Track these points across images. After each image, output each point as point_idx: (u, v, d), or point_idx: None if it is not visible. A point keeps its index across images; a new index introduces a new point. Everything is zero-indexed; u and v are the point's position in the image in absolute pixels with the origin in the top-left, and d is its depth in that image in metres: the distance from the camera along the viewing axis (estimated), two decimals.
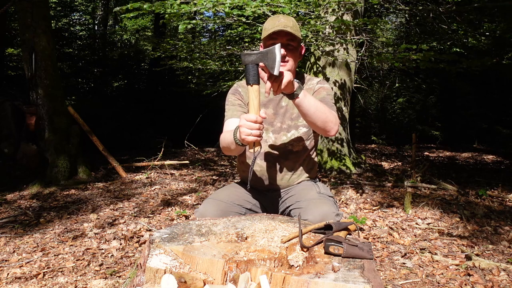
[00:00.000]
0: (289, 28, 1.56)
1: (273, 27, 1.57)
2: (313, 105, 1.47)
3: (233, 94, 1.76)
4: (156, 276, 1.08)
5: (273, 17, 1.63)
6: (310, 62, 5.58)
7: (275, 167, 1.73)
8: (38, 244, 2.67)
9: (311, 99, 1.47)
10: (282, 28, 1.54)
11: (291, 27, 1.58)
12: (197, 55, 6.63)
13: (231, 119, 1.69)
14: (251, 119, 1.32)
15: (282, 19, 1.60)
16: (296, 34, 1.58)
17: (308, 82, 1.78)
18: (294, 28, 1.59)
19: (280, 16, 1.62)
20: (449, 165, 6.98)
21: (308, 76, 1.82)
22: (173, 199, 3.92)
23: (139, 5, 3.57)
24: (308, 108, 1.45)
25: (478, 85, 10.02)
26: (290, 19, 1.61)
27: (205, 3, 3.51)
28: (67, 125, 4.61)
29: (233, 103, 1.73)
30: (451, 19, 5.56)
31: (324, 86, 1.74)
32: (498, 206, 3.69)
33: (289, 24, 1.58)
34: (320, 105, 1.49)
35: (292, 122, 1.72)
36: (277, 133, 1.73)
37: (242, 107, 1.72)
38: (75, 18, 13.01)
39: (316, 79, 1.79)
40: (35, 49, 4.30)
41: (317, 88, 1.73)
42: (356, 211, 3.60)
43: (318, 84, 1.75)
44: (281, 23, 1.58)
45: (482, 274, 2.24)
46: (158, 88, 10.80)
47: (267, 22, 1.63)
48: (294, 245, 1.18)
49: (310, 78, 1.80)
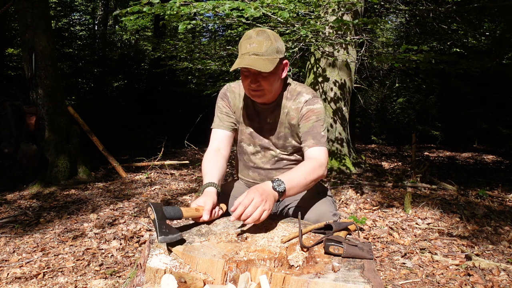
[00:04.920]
0: (257, 62, 1.41)
1: (244, 53, 1.45)
2: (301, 186, 1.39)
3: (222, 99, 1.69)
4: (156, 276, 1.08)
5: (246, 37, 1.48)
6: (310, 62, 5.58)
7: (267, 178, 1.70)
8: (38, 244, 2.67)
9: (295, 182, 1.36)
10: (247, 65, 1.40)
11: (262, 54, 1.43)
12: (197, 55, 6.64)
13: (217, 130, 1.68)
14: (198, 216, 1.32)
15: (255, 43, 1.44)
16: (266, 65, 1.41)
17: (296, 98, 1.59)
18: (267, 53, 1.43)
19: (252, 37, 1.46)
20: (449, 165, 6.98)
21: (294, 85, 1.63)
22: (173, 199, 3.92)
23: (139, 8, 3.58)
24: (297, 191, 1.41)
25: (478, 85, 10.02)
26: (262, 42, 1.43)
27: (205, 5, 3.53)
28: (67, 125, 4.61)
29: (221, 110, 1.68)
30: (451, 19, 5.56)
31: (313, 108, 1.55)
32: (498, 206, 3.69)
33: (260, 50, 1.43)
34: (305, 177, 1.40)
35: (279, 142, 1.64)
36: (266, 148, 1.68)
37: (229, 116, 1.67)
38: (75, 18, 13.00)
39: (305, 95, 1.58)
40: (35, 49, 4.30)
41: (305, 112, 1.56)
42: (356, 211, 3.60)
43: (307, 106, 1.56)
44: (252, 48, 1.43)
45: (482, 274, 2.24)
46: (158, 88, 10.80)
47: (240, 42, 1.49)
48: (294, 245, 1.18)
49: (299, 92, 1.60)
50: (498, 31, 5.74)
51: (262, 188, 1.28)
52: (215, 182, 1.47)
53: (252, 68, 1.40)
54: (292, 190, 1.36)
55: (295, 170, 1.43)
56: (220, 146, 1.65)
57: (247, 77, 1.49)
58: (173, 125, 9.28)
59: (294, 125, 1.59)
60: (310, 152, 1.54)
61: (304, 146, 1.57)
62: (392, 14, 9.53)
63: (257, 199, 1.22)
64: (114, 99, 10.50)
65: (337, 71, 5.30)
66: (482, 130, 10.56)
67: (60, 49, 9.62)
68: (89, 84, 10.90)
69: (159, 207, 1.19)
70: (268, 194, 1.26)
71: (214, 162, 1.57)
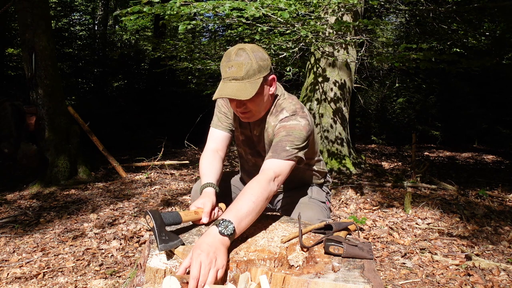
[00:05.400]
0: (238, 89, 1.35)
1: (224, 77, 1.39)
2: (253, 211, 1.24)
3: (222, 98, 1.68)
4: (156, 276, 1.08)
5: (226, 58, 1.40)
6: (310, 62, 5.58)
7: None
8: (38, 244, 2.67)
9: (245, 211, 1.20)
10: (227, 96, 1.35)
11: (242, 78, 1.35)
12: (197, 55, 6.63)
13: (216, 130, 1.68)
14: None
15: (234, 66, 1.36)
16: (247, 91, 1.34)
17: (278, 114, 1.52)
18: (248, 75, 1.36)
19: (231, 59, 1.37)
20: (449, 165, 6.98)
21: (282, 99, 1.56)
22: (173, 199, 3.92)
23: (139, 8, 3.58)
24: (252, 219, 1.25)
25: (478, 85, 10.02)
26: (242, 65, 1.35)
27: (205, 5, 3.52)
28: (67, 125, 4.61)
29: (220, 110, 1.69)
30: (451, 19, 5.56)
31: (286, 124, 1.46)
32: (498, 206, 3.69)
33: (240, 74, 1.35)
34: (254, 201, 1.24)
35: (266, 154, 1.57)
36: (257, 157, 1.69)
37: (227, 117, 1.67)
38: (75, 18, 13.00)
39: (285, 112, 1.50)
40: (35, 49, 4.29)
41: (277, 128, 1.48)
42: (356, 211, 3.60)
43: (281, 123, 1.48)
44: (231, 72, 1.36)
45: (482, 274, 2.24)
46: (158, 88, 10.79)
47: (221, 63, 1.42)
48: (294, 245, 1.18)
49: (282, 108, 1.52)
50: (498, 31, 5.74)
51: (206, 243, 1.08)
52: (213, 182, 1.47)
53: (232, 97, 1.35)
54: (243, 222, 1.19)
55: (241, 197, 1.26)
56: (217, 147, 1.66)
57: (232, 100, 1.45)
58: (173, 125, 9.28)
59: (271, 141, 1.52)
60: (263, 165, 1.41)
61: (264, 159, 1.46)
62: (392, 14, 9.53)
63: (205, 261, 1.03)
64: (114, 99, 10.50)
65: (337, 71, 5.30)
66: (482, 130, 10.57)
67: (60, 49, 9.62)
68: (89, 84, 10.89)
69: (158, 215, 1.17)
70: (216, 248, 1.07)
71: (211, 162, 1.58)
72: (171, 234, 1.16)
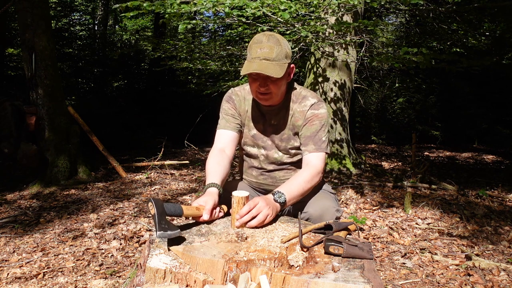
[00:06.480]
0: (268, 67, 1.44)
1: (254, 57, 1.47)
2: (300, 195, 1.50)
3: (227, 101, 1.71)
4: (156, 276, 1.08)
5: (256, 42, 1.50)
6: (310, 62, 5.58)
7: (270, 178, 1.76)
8: (38, 244, 2.67)
9: (295, 192, 1.46)
10: (259, 70, 1.43)
11: (272, 60, 1.46)
12: (197, 55, 6.63)
13: (223, 130, 1.70)
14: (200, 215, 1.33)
15: (265, 48, 1.46)
16: (277, 71, 1.44)
17: (302, 101, 1.63)
18: (278, 58, 1.47)
19: (263, 42, 1.48)
20: (449, 165, 6.98)
21: (299, 88, 1.67)
22: (173, 199, 3.92)
23: (139, 3, 3.55)
24: (297, 200, 1.51)
25: (478, 85, 10.02)
26: (273, 48, 1.47)
27: (205, 3, 3.50)
28: (67, 125, 4.61)
29: (226, 112, 1.70)
30: (451, 19, 5.56)
31: (318, 113, 1.61)
32: (498, 206, 3.69)
33: (271, 56, 1.46)
34: (303, 186, 1.50)
35: (282, 143, 1.67)
36: (269, 150, 1.71)
37: (235, 118, 1.69)
38: (75, 18, 13.00)
39: (311, 99, 1.62)
40: (35, 49, 4.29)
41: (310, 116, 1.61)
42: (356, 211, 3.60)
43: (312, 110, 1.61)
44: (262, 53, 1.46)
45: (482, 274, 2.24)
46: (158, 88, 10.80)
47: (250, 45, 1.52)
48: (294, 245, 1.18)
49: (304, 95, 1.64)
50: (498, 31, 5.74)
51: (266, 197, 1.37)
52: (218, 183, 1.49)
53: (264, 73, 1.43)
54: (292, 200, 1.45)
55: (294, 180, 1.51)
56: (225, 147, 1.67)
57: (255, 80, 1.51)
58: (173, 125, 9.28)
59: (298, 126, 1.64)
60: (308, 158, 1.60)
61: (304, 150, 1.62)
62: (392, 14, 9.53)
63: (262, 203, 1.31)
64: (114, 99, 10.50)
65: (337, 71, 5.29)
66: (482, 130, 10.56)
67: (60, 49, 9.62)
68: (89, 84, 10.89)
69: (160, 203, 1.20)
70: (274, 206, 1.35)
71: (218, 162, 1.59)
72: (171, 224, 1.17)
